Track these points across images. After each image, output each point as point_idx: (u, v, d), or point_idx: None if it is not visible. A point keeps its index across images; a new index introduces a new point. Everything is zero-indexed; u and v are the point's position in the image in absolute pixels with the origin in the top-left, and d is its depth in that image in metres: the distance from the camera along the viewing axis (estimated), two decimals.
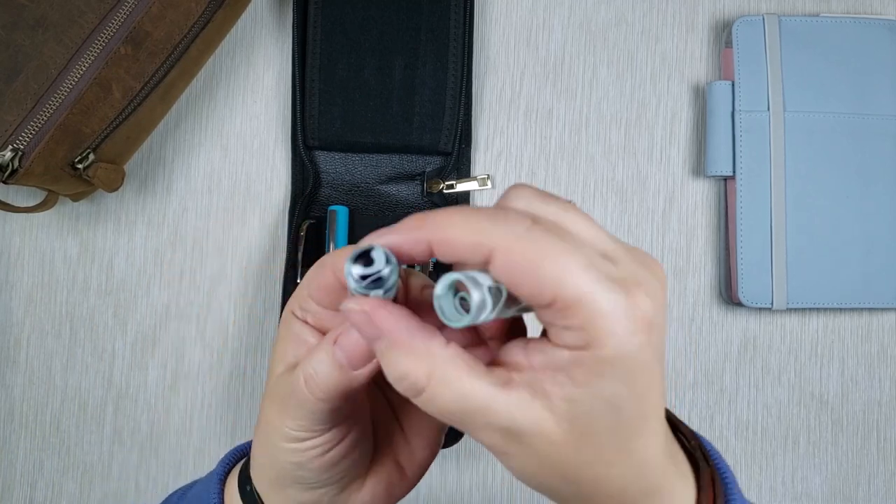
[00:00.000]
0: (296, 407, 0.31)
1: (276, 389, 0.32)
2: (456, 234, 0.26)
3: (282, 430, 0.32)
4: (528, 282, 0.25)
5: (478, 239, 0.25)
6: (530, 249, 0.25)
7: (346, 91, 0.65)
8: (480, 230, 0.25)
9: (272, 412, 0.33)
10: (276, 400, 0.32)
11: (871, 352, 0.68)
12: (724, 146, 0.67)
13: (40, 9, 0.56)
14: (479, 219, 0.25)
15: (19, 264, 0.67)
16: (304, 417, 0.31)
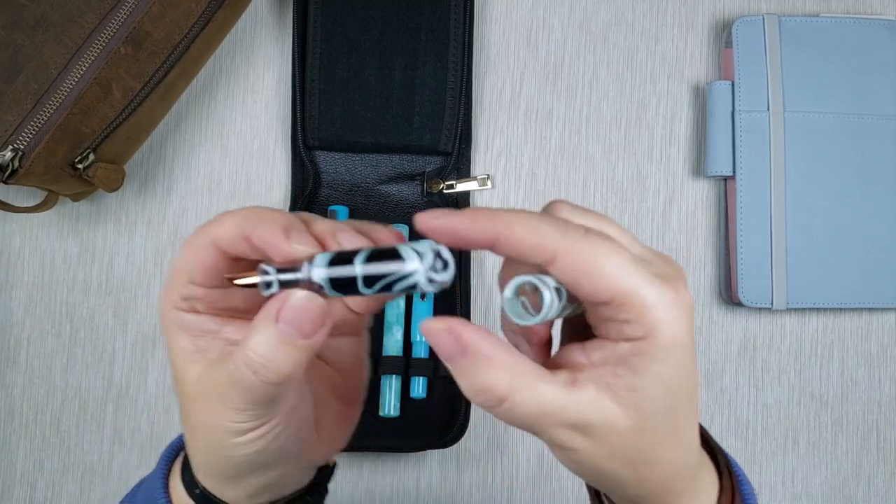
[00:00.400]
0: (243, 399, 0.29)
1: (204, 389, 0.31)
2: (524, 235, 0.28)
3: (229, 427, 0.30)
4: (589, 281, 0.28)
5: (542, 241, 0.28)
6: (589, 252, 0.28)
7: (346, 91, 0.65)
8: (545, 233, 0.28)
9: (208, 413, 0.31)
10: (209, 399, 0.30)
11: (870, 352, 0.68)
12: (724, 146, 0.67)
13: (40, 9, 0.56)
14: (543, 223, 0.28)
15: (19, 264, 0.67)
16: (254, 407, 0.30)
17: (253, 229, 0.29)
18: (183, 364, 0.31)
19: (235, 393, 0.30)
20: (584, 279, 0.28)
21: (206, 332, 0.31)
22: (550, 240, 0.28)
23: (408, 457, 0.66)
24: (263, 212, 0.30)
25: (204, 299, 0.31)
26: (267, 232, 0.29)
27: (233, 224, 0.30)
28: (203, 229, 0.31)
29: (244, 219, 0.30)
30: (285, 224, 0.29)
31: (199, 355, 0.31)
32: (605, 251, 0.28)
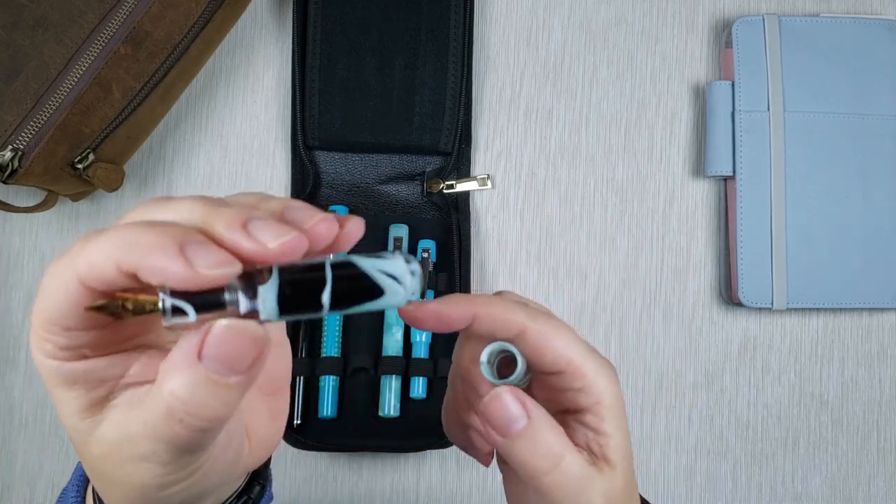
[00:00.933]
0: (168, 451, 0.25)
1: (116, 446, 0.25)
2: (499, 313, 0.33)
3: (153, 483, 0.26)
4: (549, 349, 0.33)
5: (514, 318, 0.33)
6: (550, 329, 0.33)
7: (346, 91, 0.65)
8: (516, 312, 0.33)
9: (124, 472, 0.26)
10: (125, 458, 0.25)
11: (871, 352, 0.68)
12: (724, 146, 0.66)
13: (40, 9, 0.56)
14: (513, 304, 0.34)
15: (19, 264, 0.67)
16: (182, 457, 0.25)
17: (138, 261, 0.22)
18: (77, 423, 0.26)
19: (158, 446, 0.25)
20: (546, 350, 0.33)
21: (103, 381, 0.26)
22: (520, 317, 0.33)
23: (408, 457, 0.66)
24: (142, 230, 0.23)
25: (91, 342, 0.25)
26: (157, 261, 0.22)
27: (104, 256, 0.23)
28: (65, 261, 0.24)
29: (119, 246, 0.23)
30: (179, 240, 0.22)
31: (98, 408, 0.26)
32: (562, 330, 0.33)
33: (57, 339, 0.24)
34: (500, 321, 0.33)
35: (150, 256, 0.22)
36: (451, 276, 0.65)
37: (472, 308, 0.33)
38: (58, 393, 0.25)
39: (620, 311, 0.68)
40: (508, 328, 0.33)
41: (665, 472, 0.67)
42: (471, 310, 0.33)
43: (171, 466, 0.26)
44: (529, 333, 0.33)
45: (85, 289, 0.23)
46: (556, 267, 0.68)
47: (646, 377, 0.67)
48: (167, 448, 0.25)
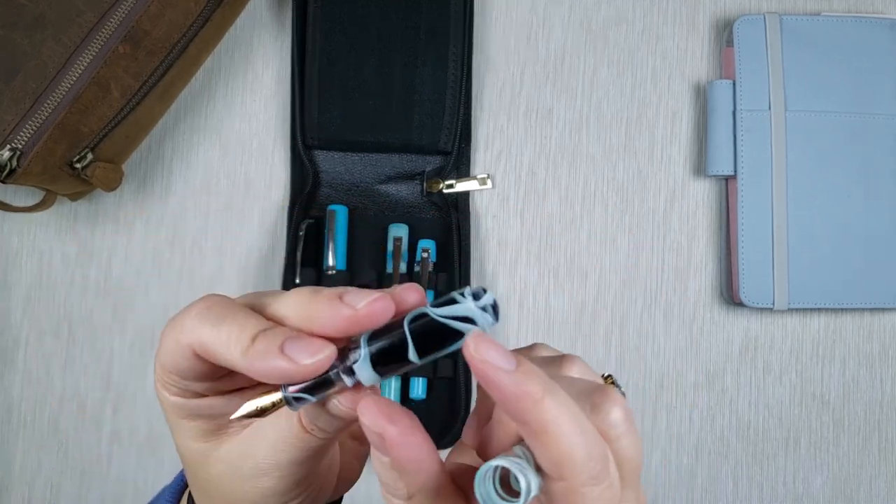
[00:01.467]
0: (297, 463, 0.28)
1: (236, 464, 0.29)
2: (559, 445, 0.25)
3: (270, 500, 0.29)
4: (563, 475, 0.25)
5: (570, 464, 0.25)
6: (592, 500, 0.25)
7: (346, 90, 0.65)
8: (578, 457, 0.25)
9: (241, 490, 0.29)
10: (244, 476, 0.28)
11: (872, 352, 0.68)
12: (725, 145, 0.66)
13: (39, 8, 0.56)
14: (585, 444, 0.25)
15: (17, 264, 0.67)
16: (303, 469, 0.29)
17: (248, 367, 0.26)
18: (197, 445, 0.29)
19: (281, 456, 0.28)
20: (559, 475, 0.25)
21: (223, 414, 0.29)
22: (572, 468, 0.25)
23: None
24: (241, 336, 0.26)
25: (208, 388, 0.29)
26: (263, 365, 0.26)
27: (214, 347, 0.26)
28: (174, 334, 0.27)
29: (224, 346, 0.26)
30: (278, 342, 0.26)
31: (215, 433, 0.29)
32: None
33: (175, 381, 0.28)
34: (552, 454, 0.25)
35: (256, 362, 0.25)
36: (451, 276, 0.65)
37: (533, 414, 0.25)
38: (178, 422, 0.29)
39: (621, 311, 0.68)
40: (553, 466, 0.25)
41: (666, 472, 0.67)
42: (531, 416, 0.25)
43: (287, 481, 0.28)
44: (567, 492, 0.25)
45: (193, 354, 0.27)
46: (556, 267, 0.68)
47: (646, 377, 0.67)
48: (288, 456, 0.28)
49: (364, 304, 0.26)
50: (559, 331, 0.67)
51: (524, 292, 0.67)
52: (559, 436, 0.24)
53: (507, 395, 0.24)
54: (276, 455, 0.28)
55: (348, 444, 0.35)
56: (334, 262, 0.64)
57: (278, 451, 0.28)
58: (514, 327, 0.67)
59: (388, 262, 0.65)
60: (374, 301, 0.26)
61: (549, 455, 0.25)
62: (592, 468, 0.25)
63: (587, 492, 0.25)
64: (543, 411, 0.24)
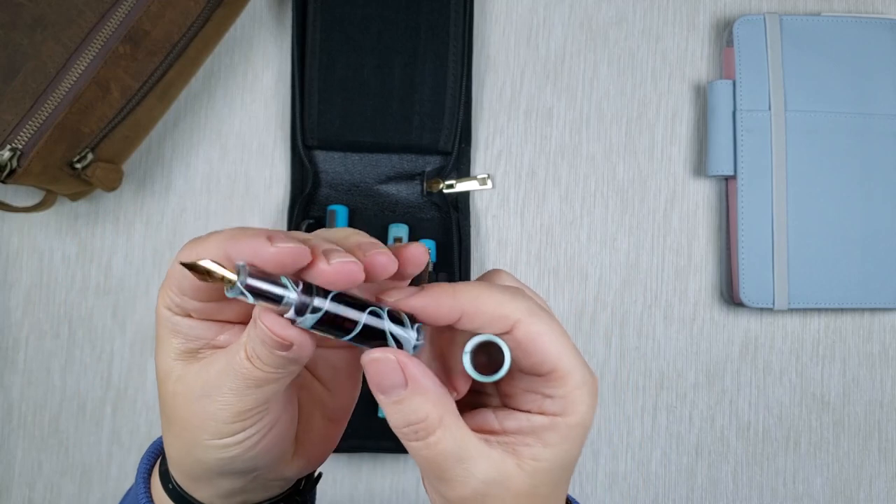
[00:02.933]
0: (236, 391, 0.30)
1: (192, 385, 0.31)
2: (489, 308, 0.30)
3: (208, 428, 0.31)
4: (538, 351, 0.31)
5: (504, 312, 0.30)
6: (542, 327, 0.31)
7: (346, 90, 0.65)
8: (507, 306, 0.31)
9: (189, 412, 0.31)
10: (195, 396, 0.31)
11: (872, 352, 0.68)
12: (725, 146, 0.66)
13: (39, 8, 0.56)
14: (504, 295, 0.31)
15: (18, 264, 0.67)
16: (243, 402, 0.30)
17: (236, 243, 0.29)
18: (170, 361, 0.32)
19: (226, 381, 0.30)
20: (535, 348, 0.30)
21: (198, 338, 0.32)
22: (513, 314, 0.30)
23: (408, 457, 0.66)
24: (246, 228, 0.30)
25: (197, 309, 0.31)
26: (248, 241, 0.29)
27: (215, 243, 0.30)
28: (188, 247, 0.30)
29: (226, 237, 0.29)
30: (266, 233, 0.29)
31: (188, 355, 0.32)
32: (554, 330, 0.31)
33: (174, 297, 0.31)
34: (490, 317, 0.31)
35: (245, 238, 0.29)
36: (451, 276, 0.65)
37: (458, 304, 0.31)
38: (164, 336, 0.32)
39: (621, 311, 0.68)
40: (498, 325, 0.31)
41: (666, 472, 0.67)
42: (457, 306, 0.31)
43: (228, 410, 0.30)
44: (519, 331, 0.31)
45: None
46: (556, 267, 0.68)
47: (646, 377, 0.67)
48: (232, 383, 0.30)
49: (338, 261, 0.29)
50: None
51: None
52: (484, 301, 0.31)
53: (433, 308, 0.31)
54: (220, 379, 0.30)
55: (317, 420, 0.36)
56: None
57: (223, 375, 0.30)
58: None
59: None
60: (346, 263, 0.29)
61: (491, 316, 0.31)
62: (523, 304, 0.31)
63: (536, 321, 0.30)
64: (461, 297, 0.31)
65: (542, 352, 0.31)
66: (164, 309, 0.31)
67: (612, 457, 0.67)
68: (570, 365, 0.31)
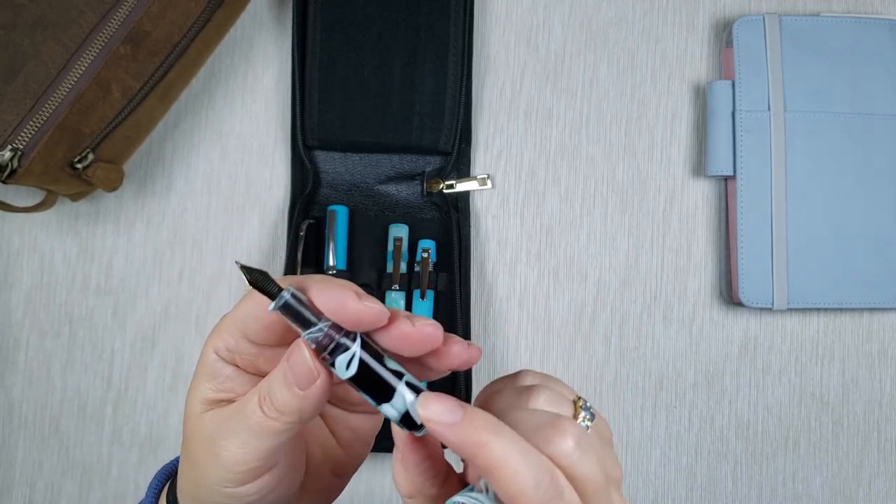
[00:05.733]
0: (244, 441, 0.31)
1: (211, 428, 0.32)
2: (506, 478, 0.28)
3: (218, 474, 0.32)
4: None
5: (519, 494, 0.28)
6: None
7: (346, 90, 0.65)
8: (525, 486, 0.28)
9: (207, 453, 0.32)
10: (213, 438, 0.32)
11: (871, 352, 0.68)
12: (724, 146, 0.66)
13: (39, 8, 0.56)
14: (531, 475, 0.28)
15: (18, 264, 0.67)
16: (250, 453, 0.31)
17: (321, 290, 0.30)
18: (198, 403, 0.33)
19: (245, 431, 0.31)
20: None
21: (231, 390, 0.33)
22: (522, 497, 0.28)
23: None
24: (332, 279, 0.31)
25: (247, 355, 0.32)
26: (336, 291, 0.30)
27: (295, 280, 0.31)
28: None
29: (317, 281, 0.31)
30: (354, 289, 0.30)
31: (216, 404, 0.33)
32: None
33: (232, 341, 0.31)
34: (502, 486, 0.28)
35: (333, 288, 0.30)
36: (451, 276, 0.65)
37: (481, 455, 0.28)
38: (201, 378, 0.32)
39: (621, 311, 0.68)
40: (506, 497, 0.28)
41: (665, 472, 0.67)
42: (480, 456, 0.28)
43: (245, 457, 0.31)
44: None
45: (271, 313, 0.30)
46: (556, 267, 0.68)
47: (646, 377, 0.67)
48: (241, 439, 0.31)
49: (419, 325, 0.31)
50: (559, 331, 0.67)
51: (524, 292, 0.68)
52: (507, 471, 0.28)
53: (454, 445, 0.28)
54: (230, 426, 0.31)
55: (325, 475, 0.37)
56: (335, 263, 0.65)
57: (233, 422, 0.31)
58: (514, 327, 0.67)
59: (389, 263, 0.65)
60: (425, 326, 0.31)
61: (501, 487, 0.28)
62: (542, 495, 0.28)
63: (534, 495, 0.28)
64: (490, 452, 0.28)
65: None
66: (211, 352, 0.32)
67: None
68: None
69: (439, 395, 0.29)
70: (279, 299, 0.30)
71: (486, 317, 0.67)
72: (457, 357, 0.32)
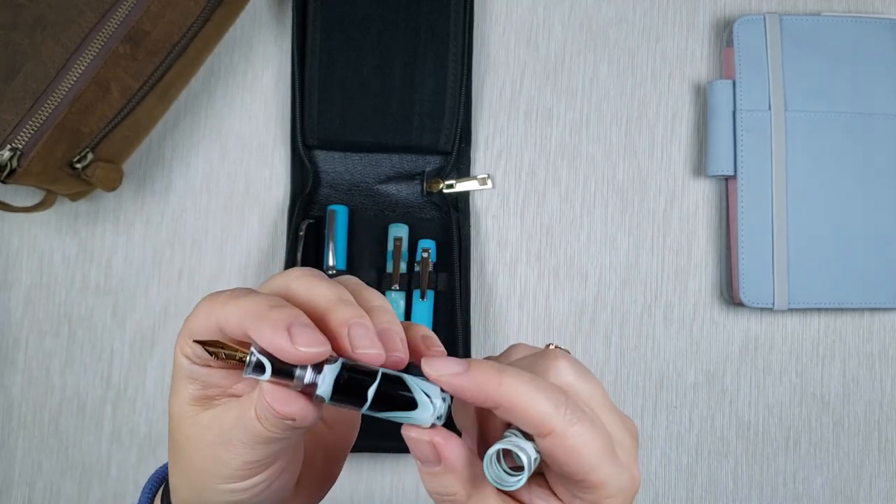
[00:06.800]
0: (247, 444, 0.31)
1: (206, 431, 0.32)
2: (529, 409, 0.29)
3: (219, 475, 0.32)
4: (570, 462, 0.29)
5: (544, 420, 0.29)
6: (580, 440, 0.29)
7: (346, 90, 0.65)
8: (544, 412, 0.29)
9: (201, 457, 0.32)
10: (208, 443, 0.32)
11: (872, 352, 0.68)
12: (725, 145, 0.66)
13: (39, 8, 0.56)
14: (549, 401, 0.29)
15: (18, 264, 0.67)
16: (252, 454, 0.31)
17: (257, 331, 0.29)
18: (185, 406, 0.32)
19: (240, 434, 0.31)
20: (567, 461, 0.29)
21: (216, 385, 0.32)
22: (548, 420, 0.29)
23: (407, 457, 0.66)
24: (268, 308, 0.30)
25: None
26: (269, 334, 0.29)
27: (236, 317, 0.30)
28: (209, 307, 0.31)
29: (249, 315, 0.30)
30: (288, 322, 0.29)
31: (203, 401, 0.32)
32: (591, 441, 0.29)
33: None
34: (527, 420, 0.29)
35: (265, 329, 0.29)
36: (451, 276, 0.65)
37: (500, 396, 0.29)
38: (180, 383, 0.32)
39: (621, 311, 0.68)
40: (533, 429, 0.29)
41: (666, 472, 0.67)
42: (499, 398, 0.29)
43: (237, 459, 0.31)
44: (554, 441, 0.29)
45: (218, 329, 0.31)
46: (556, 267, 0.68)
47: (646, 377, 0.67)
48: (244, 437, 0.31)
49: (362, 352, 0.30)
50: (559, 331, 0.67)
51: (524, 292, 0.67)
52: (524, 401, 0.29)
53: (472, 392, 0.29)
54: (232, 431, 0.31)
55: (318, 461, 0.37)
56: (334, 262, 0.64)
57: (235, 428, 0.31)
58: (514, 327, 0.67)
59: (388, 262, 0.65)
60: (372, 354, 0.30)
61: (526, 420, 0.29)
62: (564, 413, 0.29)
63: (573, 433, 0.29)
64: (504, 389, 0.29)
65: (574, 463, 0.30)
66: (182, 357, 0.32)
67: None
68: (603, 477, 0.30)
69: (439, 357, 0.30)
70: (248, 364, 0.29)
71: (486, 317, 0.67)
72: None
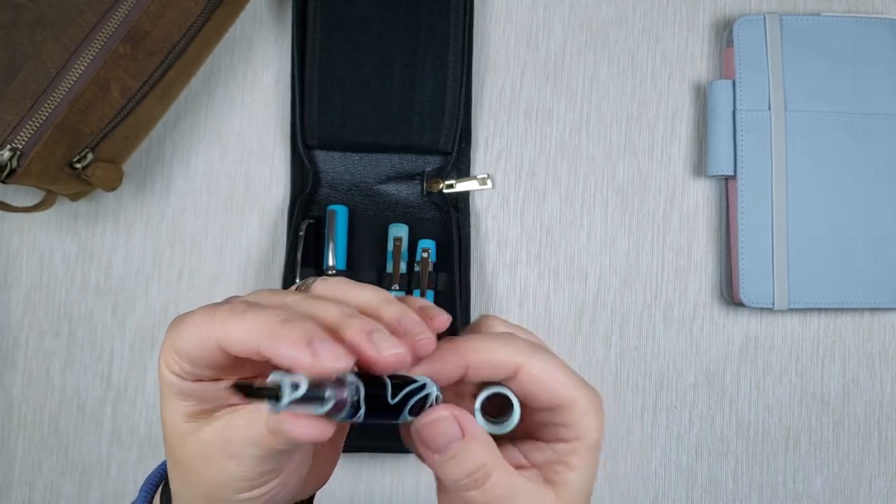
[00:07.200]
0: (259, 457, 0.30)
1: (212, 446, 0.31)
2: (490, 358, 0.32)
3: (234, 485, 0.31)
4: (543, 389, 0.32)
5: (506, 359, 0.32)
6: (543, 365, 0.32)
7: (346, 90, 0.65)
8: (505, 352, 0.32)
9: (213, 470, 0.31)
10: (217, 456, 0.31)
11: (872, 352, 0.68)
12: (725, 145, 0.66)
13: (39, 8, 0.56)
14: (502, 343, 0.32)
15: (18, 264, 0.67)
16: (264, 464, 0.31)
17: (274, 349, 0.27)
18: (182, 423, 0.31)
19: (249, 449, 0.30)
20: (539, 390, 0.32)
21: (213, 399, 0.31)
22: (515, 358, 0.32)
23: (408, 457, 0.66)
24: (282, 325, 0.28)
25: (207, 375, 0.30)
26: (290, 352, 0.27)
27: (246, 337, 0.28)
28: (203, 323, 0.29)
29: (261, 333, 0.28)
30: (307, 337, 0.27)
31: (202, 416, 0.31)
32: (553, 366, 0.32)
33: (182, 365, 0.29)
34: (494, 367, 0.32)
35: (283, 347, 0.27)
36: (451, 276, 0.65)
37: (463, 360, 0.32)
38: (170, 400, 0.31)
39: (621, 311, 0.68)
40: (503, 372, 0.32)
41: (666, 472, 0.67)
42: (462, 363, 0.31)
43: (250, 471, 0.31)
44: (524, 374, 0.32)
45: (220, 350, 0.29)
46: (556, 267, 0.68)
47: (646, 377, 0.67)
48: (255, 452, 0.30)
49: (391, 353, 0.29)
50: (559, 331, 0.67)
51: (524, 292, 0.67)
52: (486, 355, 0.32)
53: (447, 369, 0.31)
54: (242, 447, 0.30)
55: (324, 445, 0.36)
56: (334, 262, 0.64)
57: (245, 443, 0.30)
58: None
59: (388, 262, 0.65)
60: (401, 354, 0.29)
61: (494, 367, 0.32)
62: (521, 349, 0.32)
63: (536, 361, 0.32)
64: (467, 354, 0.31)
65: (546, 388, 0.32)
66: (169, 374, 0.30)
67: (611, 457, 0.67)
68: (573, 394, 0.32)
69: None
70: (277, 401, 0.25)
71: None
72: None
